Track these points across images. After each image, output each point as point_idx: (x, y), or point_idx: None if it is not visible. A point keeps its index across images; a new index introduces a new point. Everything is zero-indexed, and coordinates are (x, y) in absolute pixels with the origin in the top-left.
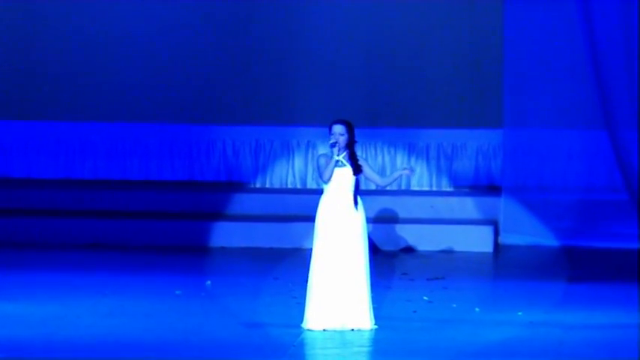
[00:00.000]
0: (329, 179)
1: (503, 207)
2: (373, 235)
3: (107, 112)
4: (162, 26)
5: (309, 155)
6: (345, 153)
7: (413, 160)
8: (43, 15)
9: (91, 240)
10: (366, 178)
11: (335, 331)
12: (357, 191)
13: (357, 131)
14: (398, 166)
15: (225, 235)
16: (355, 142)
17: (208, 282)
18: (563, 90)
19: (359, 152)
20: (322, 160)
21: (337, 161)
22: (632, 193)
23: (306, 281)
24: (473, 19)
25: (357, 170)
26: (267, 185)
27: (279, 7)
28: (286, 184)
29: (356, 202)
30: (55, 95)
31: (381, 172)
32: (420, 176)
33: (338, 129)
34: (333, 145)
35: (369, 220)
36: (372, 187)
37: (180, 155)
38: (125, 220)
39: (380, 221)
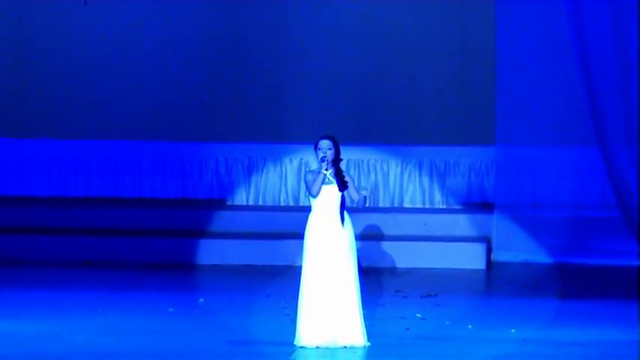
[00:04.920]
0: (317, 193)
1: (496, 224)
2: (365, 252)
3: (100, 129)
4: (155, 44)
5: (302, 173)
6: (331, 170)
7: (405, 176)
8: (35, 33)
9: (84, 257)
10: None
11: (327, 348)
12: (344, 207)
13: (349, 148)
14: (390, 184)
15: (218, 252)
16: (341, 159)
17: (201, 299)
18: (555, 107)
19: (351, 172)
20: (310, 176)
21: (325, 177)
22: (624, 210)
23: (298, 298)
24: (465, 37)
25: (343, 186)
26: (260, 203)
27: (270, 25)
28: (279, 202)
29: (342, 219)
30: (47, 113)
31: (374, 190)
32: (413, 193)
33: (325, 144)
34: (322, 160)
35: (361, 238)
36: (366, 204)
37: (173, 173)
38: (118, 237)
39: (372, 239)
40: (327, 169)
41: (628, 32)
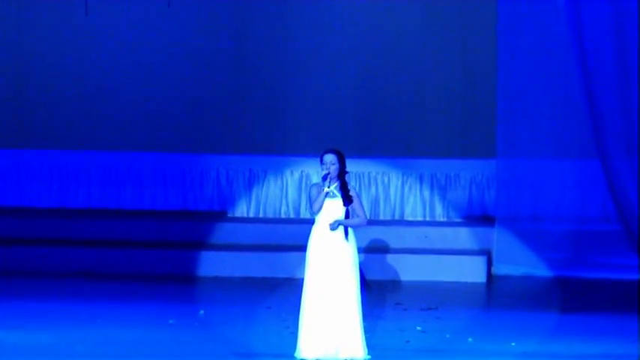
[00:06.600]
0: (318, 210)
1: (497, 237)
2: (365, 265)
3: (101, 140)
4: (156, 55)
5: (303, 185)
6: (336, 183)
7: (406, 189)
8: (36, 43)
9: (84, 269)
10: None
11: None
12: None
13: (350, 161)
14: (391, 196)
15: (219, 264)
16: (346, 172)
17: (201, 311)
18: (556, 120)
19: (352, 182)
20: (314, 191)
21: (328, 192)
22: (625, 223)
23: (299, 311)
24: (466, 50)
25: (347, 201)
26: (261, 215)
27: (272, 36)
28: (280, 214)
29: (347, 233)
30: (48, 123)
31: (375, 203)
32: (414, 206)
33: (329, 158)
34: (324, 178)
35: (361, 250)
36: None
37: (174, 184)
38: (118, 249)
39: (373, 251)
40: (329, 186)
41: (629, 45)
